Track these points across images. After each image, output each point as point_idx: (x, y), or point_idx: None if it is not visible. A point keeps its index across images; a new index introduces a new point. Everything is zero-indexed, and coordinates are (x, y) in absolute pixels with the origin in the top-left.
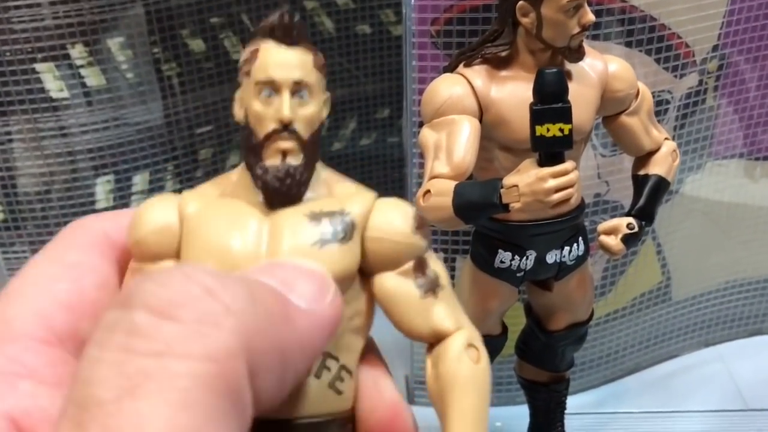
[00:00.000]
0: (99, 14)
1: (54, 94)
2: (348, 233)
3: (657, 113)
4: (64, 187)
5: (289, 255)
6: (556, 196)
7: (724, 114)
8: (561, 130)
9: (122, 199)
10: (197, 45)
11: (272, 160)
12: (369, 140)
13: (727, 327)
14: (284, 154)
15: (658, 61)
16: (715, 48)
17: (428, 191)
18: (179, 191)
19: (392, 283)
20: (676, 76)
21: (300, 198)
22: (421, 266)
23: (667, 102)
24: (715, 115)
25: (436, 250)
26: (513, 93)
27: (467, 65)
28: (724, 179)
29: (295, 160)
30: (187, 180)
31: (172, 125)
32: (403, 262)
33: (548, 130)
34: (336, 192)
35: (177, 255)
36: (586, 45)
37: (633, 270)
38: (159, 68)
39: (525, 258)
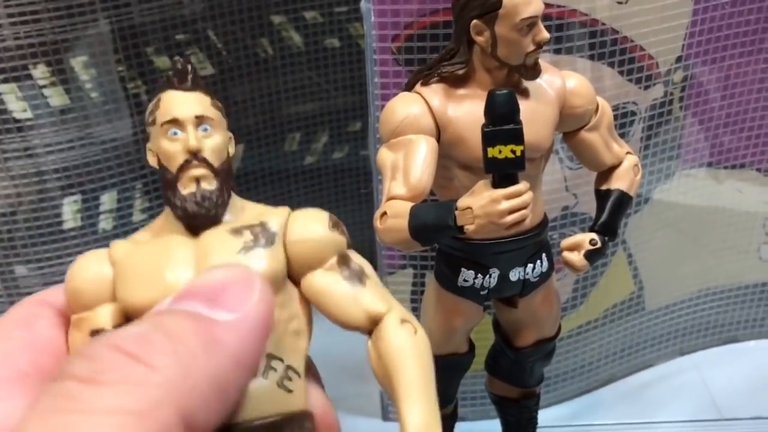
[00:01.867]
0: (61, 33)
1: (17, 115)
2: (269, 239)
3: (623, 125)
4: (30, 209)
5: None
6: (510, 218)
7: (690, 124)
8: (513, 151)
9: (90, 218)
10: (163, 62)
11: (188, 189)
12: (341, 153)
13: (702, 335)
14: (198, 180)
15: (622, 73)
16: (679, 59)
17: (385, 213)
18: (148, 209)
19: (321, 280)
20: (641, 88)
21: (219, 220)
22: (344, 260)
23: (633, 113)
24: (682, 126)
25: (404, 266)
26: (470, 111)
27: (424, 84)
28: (693, 189)
29: (209, 185)
30: (156, 198)
31: (139, 143)
32: (327, 258)
33: (500, 151)
34: (253, 213)
35: (113, 299)
36: (543, 61)
37: (604, 281)
38: (125, 86)
39: (488, 276)
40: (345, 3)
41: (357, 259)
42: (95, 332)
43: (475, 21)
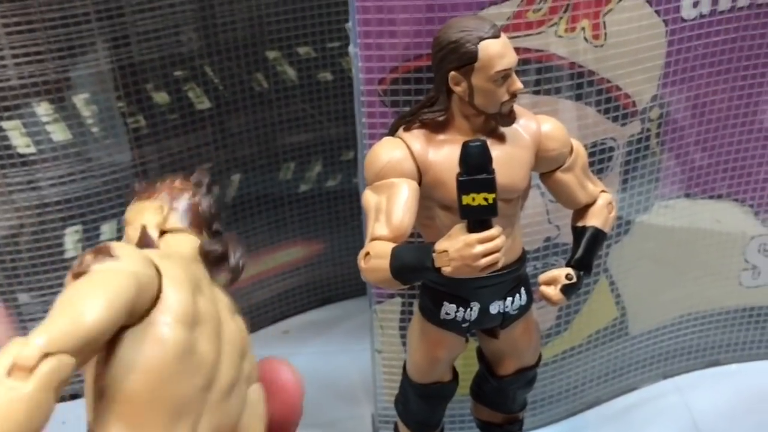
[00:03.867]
0: (63, 72)
1: (21, 150)
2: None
3: (602, 159)
4: (33, 239)
5: None
6: (483, 261)
7: (668, 158)
8: (486, 199)
9: (90, 248)
10: (162, 97)
11: None
12: (335, 182)
13: (684, 359)
14: None
15: (600, 111)
16: (654, 98)
17: (368, 253)
18: None
19: None
20: (619, 125)
21: None
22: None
23: (612, 149)
24: (659, 159)
25: (393, 296)
26: (449, 156)
27: (406, 129)
28: (672, 219)
29: None
30: None
31: (139, 175)
32: None
33: (473, 199)
34: None
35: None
36: (519, 107)
37: (587, 308)
38: (125, 121)
39: (469, 309)
40: (337, 39)
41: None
42: None
43: (452, 72)
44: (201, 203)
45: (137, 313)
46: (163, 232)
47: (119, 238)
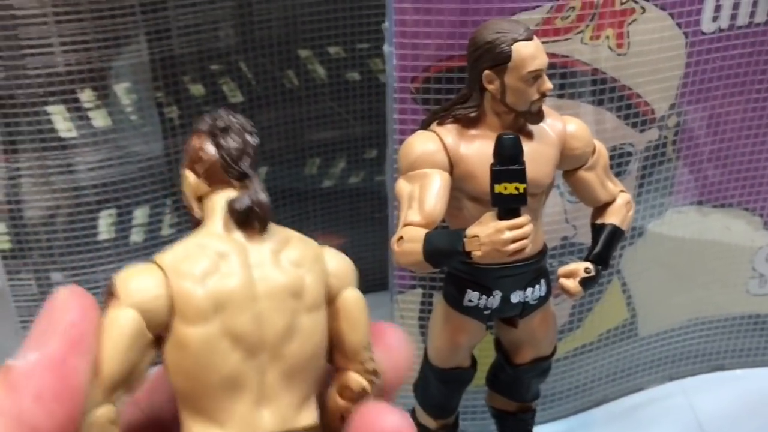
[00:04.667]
0: (107, 61)
1: (63, 134)
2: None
3: (621, 164)
4: (68, 220)
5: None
6: (512, 246)
7: (682, 165)
8: (517, 188)
9: (123, 231)
10: (197, 90)
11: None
12: (357, 179)
13: (691, 362)
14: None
15: (620, 117)
16: (672, 107)
17: (401, 237)
18: (177, 224)
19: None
20: (637, 131)
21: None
22: None
23: (630, 154)
24: (675, 166)
25: (414, 287)
26: (480, 150)
27: (440, 124)
28: (684, 225)
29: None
30: (184, 214)
31: (172, 163)
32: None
33: (505, 188)
34: None
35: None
36: (546, 107)
37: (599, 308)
38: (161, 111)
39: (491, 297)
40: (367, 40)
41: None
42: None
43: (486, 71)
44: (206, 154)
45: (158, 328)
46: (199, 199)
47: (150, 224)
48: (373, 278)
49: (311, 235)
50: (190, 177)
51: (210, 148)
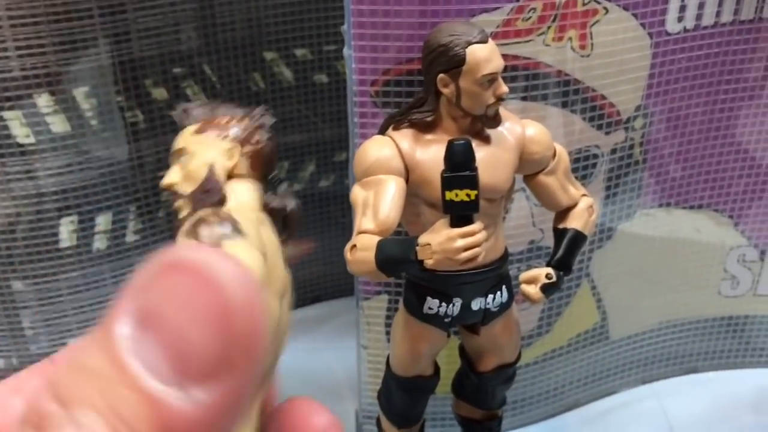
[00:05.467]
0: (64, 65)
1: (21, 140)
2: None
3: (587, 166)
4: (29, 227)
5: None
6: (464, 255)
7: (650, 167)
8: (468, 195)
9: (85, 238)
10: (160, 93)
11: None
12: (327, 182)
13: (663, 365)
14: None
15: (585, 119)
16: (638, 108)
17: (354, 245)
18: (141, 231)
19: None
20: (603, 133)
21: None
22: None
23: (596, 156)
24: (642, 168)
25: (380, 293)
26: (435, 155)
27: (396, 128)
28: (653, 227)
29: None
30: (149, 220)
31: (135, 168)
32: None
33: (456, 195)
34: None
35: None
36: (505, 110)
37: (569, 311)
38: (123, 115)
39: (451, 305)
40: (333, 42)
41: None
42: None
43: (441, 75)
44: (265, 147)
45: None
46: (229, 177)
47: (113, 230)
48: (343, 283)
49: (280, 238)
50: (236, 152)
51: (266, 137)
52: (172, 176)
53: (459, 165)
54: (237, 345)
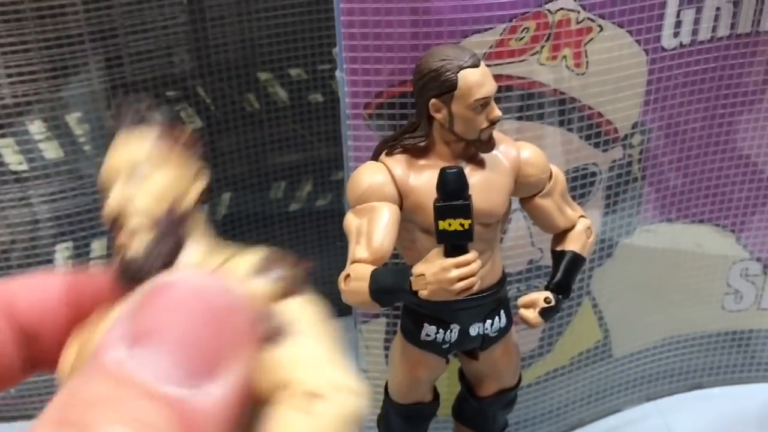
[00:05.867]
0: (56, 91)
1: (14, 167)
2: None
3: (585, 184)
4: (24, 254)
5: None
6: (459, 285)
7: (649, 183)
8: (462, 224)
9: (80, 264)
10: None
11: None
12: (324, 201)
13: (667, 382)
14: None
15: (582, 137)
16: (635, 125)
17: (348, 275)
18: None
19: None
20: (601, 151)
21: None
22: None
23: (594, 174)
24: (641, 185)
25: (378, 316)
26: (429, 181)
27: (389, 154)
28: (654, 243)
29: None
30: None
31: None
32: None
33: (450, 224)
34: None
35: None
36: (499, 134)
37: (570, 331)
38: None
39: (449, 331)
40: (328, 61)
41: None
42: None
43: (433, 100)
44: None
45: None
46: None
47: (108, 255)
48: (342, 303)
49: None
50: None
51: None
52: (117, 199)
53: (451, 194)
54: (235, 336)
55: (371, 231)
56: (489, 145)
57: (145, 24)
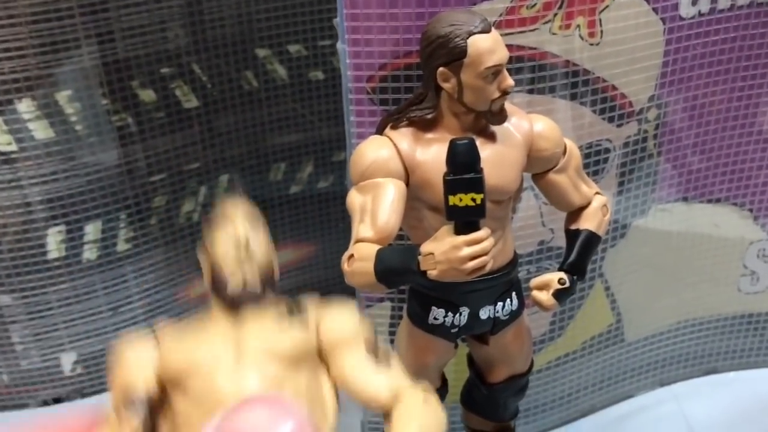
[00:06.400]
0: (46, 68)
1: (2, 148)
2: (302, 312)
3: (598, 161)
4: (15, 239)
5: (254, 350)
6: (471, 264)
7: (665, 160)
8: (473, 199)
9: (74, 249)
10: (148, 95)
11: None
12: (326, 183)
13: (682, 366)
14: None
15: (596, 111)
16: (651, 98)
17: (352, 255)
18: (133, 239)
19: (349, 362)
20: (615, 126)
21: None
22: (370, 344)
23: (608, 150)
24: (657, 161)
25: (382, 300)
26: (437, 156)
27: (394, 127)
28: (669, 223)
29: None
30: (140, 228)
31: (123, 174)
32: (356, 344)
33: (461, 199)
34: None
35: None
36: (511, 105)
37: (582, 314)
38: (110, 119)
39: (458, 314)
40: (329, 37)
41: (382, 345)
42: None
43: (441, 68)
44: None
45: None
46: None
47: (103, 239)
48: (346, 286)
49: (280, 244)
50: None
51: None
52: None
53: (462, 167)
54: None
55: (376, 208)
56: (501, 116)
57: None
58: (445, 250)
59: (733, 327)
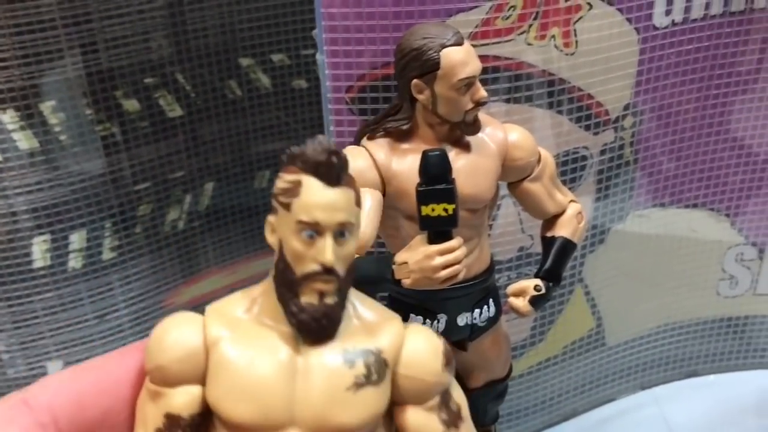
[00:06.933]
0: (29, 80)
1: None
2: (381, 374)
3: (575, 169)
4: (0, 248)
5: (323, 402)
6: (443, 273)
7: (642, 167)
8: (445, 209)
9: (59, 258)
10: (132, 105)
11: (308, 299)
12: None
13: (662, 369)
14: (321, 294)
15: (573, 120)
16: (627, 107)
17: None
18: (118, 248)
19: (417, 419)
20: (591, 134)
21: (333, 336)
22: (445, 401)
23: (585, 158)
24: (634, 168)
25: None
26: (412, 166)
27: (370, 138)
28: (647, 228)
29: (331, 300)
30: (125, 236)
31: (108, 184)
32: (430, 398)
33: (433, 210)
34: (363, 318)
35: (202, 381)
36: (485, 115)
37: (563, 319)
38: (94, 129)
39: (436, 321)
40: (312, 46)
41: (457, 399)
42: (171, 417)
43: (415, 80)
44: None
45: None
46: None
47: (88, 248)
48: None
49: (264, 255)
50: None
51: None
52: (332, 254)
53: (434, 177)
54: None
55: None
56: (474, 127)
57: (121, 8)
58: (418, 260)
59: (712, 330)
